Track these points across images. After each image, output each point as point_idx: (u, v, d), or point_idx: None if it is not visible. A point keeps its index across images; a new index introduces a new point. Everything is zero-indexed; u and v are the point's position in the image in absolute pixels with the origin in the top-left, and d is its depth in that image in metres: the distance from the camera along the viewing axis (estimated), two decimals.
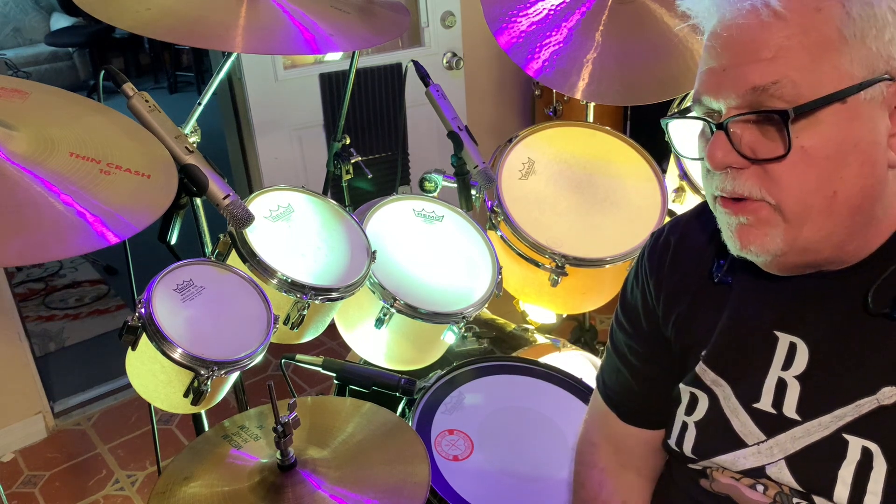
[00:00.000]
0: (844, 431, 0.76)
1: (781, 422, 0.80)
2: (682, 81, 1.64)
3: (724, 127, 0.73)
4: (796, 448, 0.79)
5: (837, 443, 0.76)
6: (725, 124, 0.73)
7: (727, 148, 0.74)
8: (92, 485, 2.34)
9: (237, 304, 1.21)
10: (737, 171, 0.75)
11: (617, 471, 1.04)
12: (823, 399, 0.78)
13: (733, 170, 0.75)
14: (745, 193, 0.74)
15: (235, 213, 1.20)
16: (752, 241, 0.76)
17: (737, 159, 0.74)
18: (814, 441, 0.78)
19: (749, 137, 0.73)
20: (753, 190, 0.74)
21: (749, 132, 0.73)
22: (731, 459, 0.84)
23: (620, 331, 1.02)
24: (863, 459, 0.75)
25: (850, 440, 0.75)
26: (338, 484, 1.03)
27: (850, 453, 0.75)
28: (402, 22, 1.60)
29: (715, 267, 0.89)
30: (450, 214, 1.64)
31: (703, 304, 0.90)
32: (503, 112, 3.38)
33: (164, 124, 1.20)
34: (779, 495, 0.81)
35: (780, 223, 0.74)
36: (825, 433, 0.77)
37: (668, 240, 0.96)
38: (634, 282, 1.00)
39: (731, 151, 0.74)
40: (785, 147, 0.70)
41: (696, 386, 0.89)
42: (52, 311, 3.36)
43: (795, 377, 0.80)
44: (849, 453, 0.75)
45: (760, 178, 0.73)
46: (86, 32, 6.07)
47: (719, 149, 0.74)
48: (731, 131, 0.73)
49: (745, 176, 0.74)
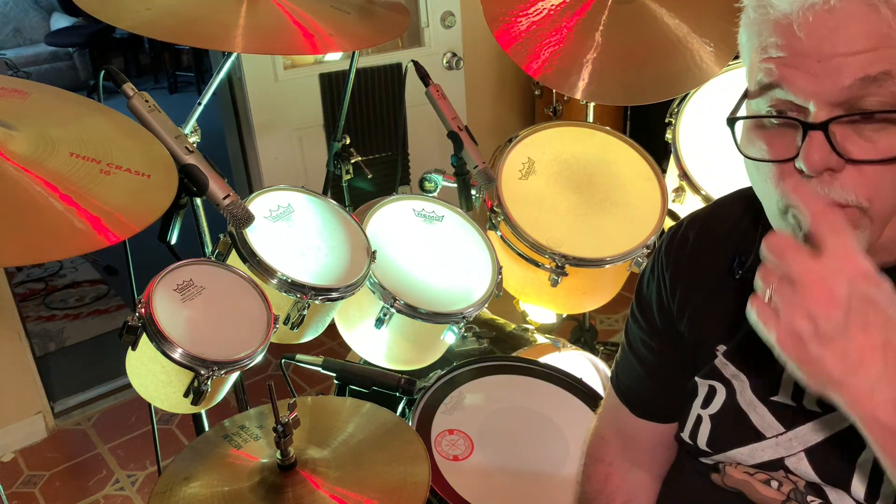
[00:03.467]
0: None
1: (802, 414, 0.80)
2: (682, 81, 1.64)
3: (825, 127, 0.66)
4: (816, 440, 0.79)
5: (857, 434, 0.76)
6: (827, 125, 0.66)
7: (827, 149, 0.66)
8: (92, 485, 2.34)
9: (237, 304, 1.21)
10: (832, 175, 0.67)
11: (624, 467, 1.04)
12: None
13: (829, 173, 0.67)
14: (842, 200, 0.67)
15: (235, 213, 1.20)
16: None
17: (837, 161, 0.66)
18: (834, 433, 0.78)
19: (844, 137, 0.67)
20: (850, 196, 0.67)
21: (843, 131, 0.67)
22: (749, 452, 0.83)
23: (635, 324, 1.02)
24: None
25: None
26: (338, 484, 1.03)
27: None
28: (402, 22, 1.60)
29: (736, 263, 0.88)
30: (450, 214, 1.64)
31: (720, 299, 0.89)
32: (503, 112, 3.39)
33: (164, 124, 1.20)
34: (793, 492, 0.81)
35: (867, 225, 0.69)
36: (846, 424, 0.76)
37: (686, 235, 0.95)
38: (651, 276, 0.99)
39: (832, 153, 0.66)
40: None
41: (714, 378, 0.88)
42: (52, 311, 3.36)
43: None
44: (868, 444, 0.75)
45: (858, 181, 0.67)
46: (86, 32, 6.07)
47: (817, 150, 0.66)
48: (830, 131, 0.66)
49: (841, 179, 0.67)
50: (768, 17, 0.69)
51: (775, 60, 0.68)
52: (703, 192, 1.62)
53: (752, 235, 0.87)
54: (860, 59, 0.64)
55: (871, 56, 0.64)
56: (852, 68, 0.64)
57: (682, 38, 1.65)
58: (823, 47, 0.65)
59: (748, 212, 0.89)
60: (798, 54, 0.66)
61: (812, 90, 0.66)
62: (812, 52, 0.66)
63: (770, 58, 0.69)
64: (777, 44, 0.68)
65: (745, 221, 0.90)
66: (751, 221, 0.89)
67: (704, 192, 1.61)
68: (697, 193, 1.63)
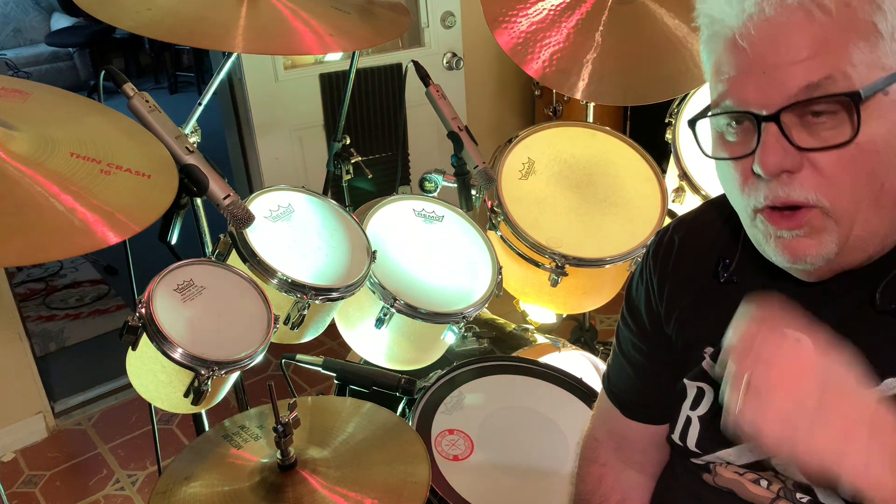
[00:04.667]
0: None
1: None
2: (682, 81, 1.64)
3: (778, 118, 0.69)
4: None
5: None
6: (779, 116, 0.68)
7: (781, 147, 0.69)
8: (92, 485, 2.34)
9: (237, 304, 1.21)
10: (790, 176, 0.70)
11: (618, 467, 1.05)
12: None
13: (786, 174, 0.70)
14: (802, 199, 0.70)
15: (235, 213, 1.20)
16: (808, 252, 0.73)
17: (794, 160, 0.69)
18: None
19: (796, 131, 0.69)
20: (810, 195, 0.70)
21: (794, 126, 0.69)
22: (736, 453, 0.84)
23: (625, 328, 1.03)
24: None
25: None
26: (338, 484, 1.03)
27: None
28: (402, 22, 1.60)
29: (721, 266, 0.89)
30: (450, 214, 1.64)
31: (706, 302, 0.90)
32: (503, 112, 3.39)
33: (164, 124, 1.20)
34: (782, 490, 0.81)
35: (833, 227, 0.71)
36: None
37: (672, 238, 0.96)
38: (639, 280, 1.00)
39: (789, 150, 0.69)
40: (853, 131, 0.67)
41: (702, 380, 0.89)
42: (53, 311, 3.36)
43: None
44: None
45: (816, 180, 0.70)
46: (86, 32, 6.06)
47: (772, 148, 0.69)
48: (784, 125, 0.69)
49: (799, 180, 0.70)
50: (718, 34, 0.73)
51: (727, 77, 0.72)
52: (702, 192, 1.62)
53: (737, 238, 0.88)
54: (803, 66, 0.67)
55: (813, 63, 0.67)
56: (797, 77, 0.68)
57: (682, 38, 1.65)
58: (767, 58, 0.69)
59: (733, 216, 0.90)
60: (745, 69, 0.70)
61: (762, 101, 0.70)
62: (757, 64, 0.69)
63: (722, 75, 0.73)
64: (727, 61, 0.72)
65: (729, 224, 0.91)
66: (735, 225, 0.90)
67: (704, 192, 1.62)
68: (697, 193, 1.63)
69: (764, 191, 0.72)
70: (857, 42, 0.67)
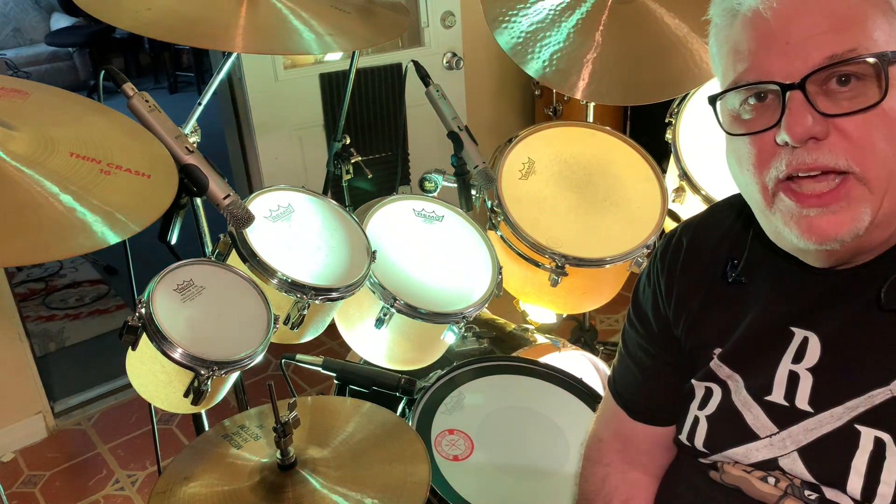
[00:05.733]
0: (857, 422, 0.76)
1: (794, 414, 0.81)
2: (683, 81, 1.64)
3: (803, 86, 0.69)
4: (809, 440, 0.79)
5: (850, 434, 0.76)
6: (804, 83, 0.68)
7: (807, 113, 0.69)
8: (92, 485, 2.34)
9: (237, 304, 1.21)
10: (817, 143, 0.69)
11: (622, 467, 1.04)
12: (836, 390, 0.78)
13: (813, 141, 0.69)
14: (832, 164, 0.69)
15: (235, 213, 1.20)
16: (841, 228, 0.71)
17: (822, 126, 0.69)
18: (826, 432, 0.78)
19: (820, 99, 0.70)
20: (840, 160, 0.69)
21: (822, 99, 0.70)
22: (744, 452, 0.84)
23: (632, 330, 1.03)
24: (875, 450, 0.75)
25: (862, 431, 0.76)
26: (338, 484, 1.03)
27: (862, 444, 0.76)
28: (402, 22, 1.60)
29: (729, 267, 0.90)
30: (450, 214, 1.64)
31: (715, 303, 0.91)
32: (503, 112, 3.39)
33: (164, 124, 1.20)
34: (790, 487, 0.81)
35: (867, 196, 0.70)
36: (837, 424, 0.77)
37: (680, 240, 0.97)
38: (647, 282, 1.01)
39: (816, 116, 0.69)
40: (881, 93, 0.67)
41: (710, 380, 0.89)
42: (53, 311, 3.36)
43: (808, 369, 0.81)
44: (861, 444, 0.76)
45: (844, 145, 0.69)
46: (86, 32, 6.07)
47: (798, 115, 0.69)
48: (809, 93, 0.69)
49: (828, 145, 0.69)
50: (736, 16, 0.74)
51: (748, 52, 0.72)
52: (703, 192, 1.62)
53: (745, 239, 0.89)
54: (826, 38, 0.68)
55: (837, 36, 0.68)
56: (821, 47, 0.69)
57: (682, 38, 1.65)
58: (791, 29, 0.70)
59: (740, 217, 0.92)
60: (769, 39, 0.71)
61: (786, 69, 0.70)
62: (781, 34, 0.70)
63: (742, 53, 0.73)
64: (749, 37, 0.72)
65: (737, 226, 0.91)
66: (742, 226, 0.91)
67: (704, 192, 1.61)
68: (697, 193, 1.63)
69: (787, 158, 0.72)
70: (876, 18, 0.69)
